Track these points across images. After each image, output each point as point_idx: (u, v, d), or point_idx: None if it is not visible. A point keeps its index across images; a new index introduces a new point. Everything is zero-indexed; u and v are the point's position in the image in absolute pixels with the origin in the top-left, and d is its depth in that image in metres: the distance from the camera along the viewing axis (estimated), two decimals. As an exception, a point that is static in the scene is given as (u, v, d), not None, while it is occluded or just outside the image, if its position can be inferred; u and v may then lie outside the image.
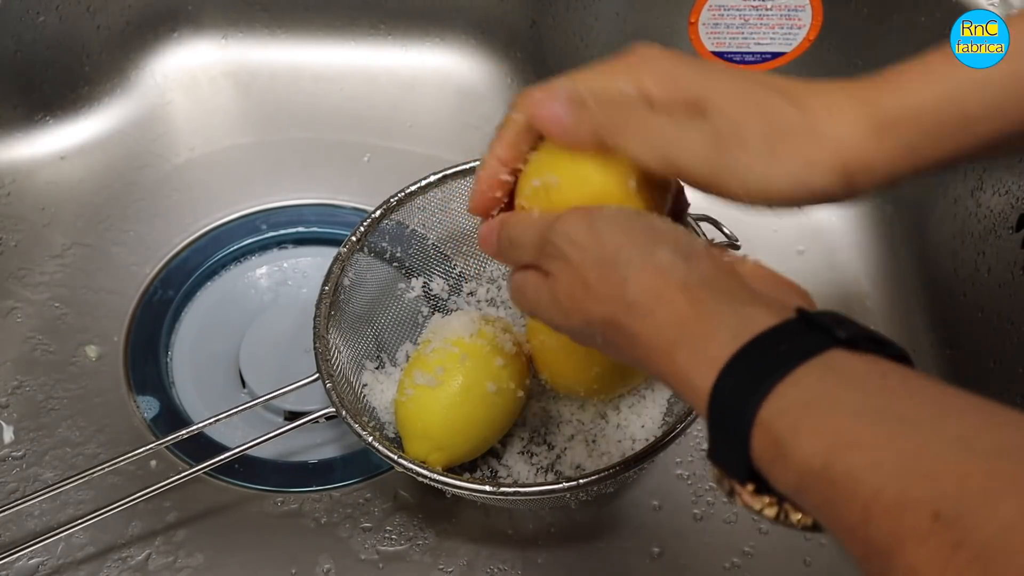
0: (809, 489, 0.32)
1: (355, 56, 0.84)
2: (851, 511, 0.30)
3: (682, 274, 0.39)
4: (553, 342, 0.57)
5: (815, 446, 0.32)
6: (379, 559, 0.59)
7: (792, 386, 0.33)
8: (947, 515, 0.28)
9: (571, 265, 0.42)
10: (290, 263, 0.75)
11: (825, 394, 0.33)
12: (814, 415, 0.32)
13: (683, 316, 0.38)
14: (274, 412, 0.67)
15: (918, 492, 0.29)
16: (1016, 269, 0.62)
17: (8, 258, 0.72)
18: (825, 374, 0.33)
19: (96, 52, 0.79)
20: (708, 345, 0.36)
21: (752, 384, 0.34)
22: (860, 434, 0.31)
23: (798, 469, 0.32)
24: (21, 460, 0.63)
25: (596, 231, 0.41)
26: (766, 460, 0.34)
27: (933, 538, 0.28)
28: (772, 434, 0.33)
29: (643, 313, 0.39)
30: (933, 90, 0.42)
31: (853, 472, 0.30)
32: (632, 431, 0.59)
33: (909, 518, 0.28)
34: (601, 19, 0.76)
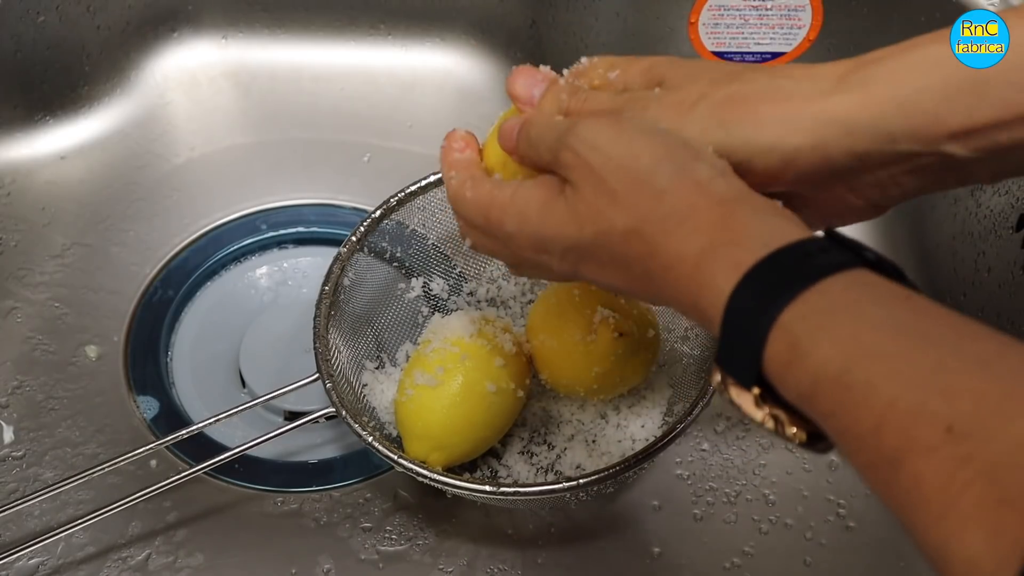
0: (822, 394, 0.32)
1: (355, 56, 0.84)
2: (864, 418, 0.30)
3: (720, 189, 0.38)
4: (553, 342, 0.57)
5: (834, 351, 0.31)
6: (379, 559, 0.59)
7: (817, 294, 0.33)
8: (960, 429, 0.28)
9: (595, 174, 0.41)
10: (290, 263, 0.75)
11: (850, 304, 0.33)
12: (836, 322, 0.32)
13: (715, 224, 0.37)
14: (274, 412, 0.67)
15: (934, 405, 0.29)
16: (1016, 269, 0.62)
17: (8, 258, 0.72)
18: (851, 287, 0.33)
19: (96, 52, 0.79)
20: (737, 251, 0.36)
21: (777, 288, 0.34)
22: (881, 344, 0.31)
23: (813, 373, 0.32)
24: (21, 460, 0.63)
25: (626, 140, 0.40)
26: (780, 364, 0.33)
27: (943, 450, 0.28)
28: (790, 337, 0.33)
29: (676, 223, 0.38)
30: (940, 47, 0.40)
31: (871, 380, 0.30)
32: (632, 431, 0.59)
33: (922, 429, 0.28)
34: (601, 19, 0.76)
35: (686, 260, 0.37)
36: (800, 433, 0.34)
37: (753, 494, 0.62)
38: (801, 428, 0.34)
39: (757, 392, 0.35)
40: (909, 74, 0.40)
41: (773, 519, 0.61)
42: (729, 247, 0.36)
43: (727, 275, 0.35)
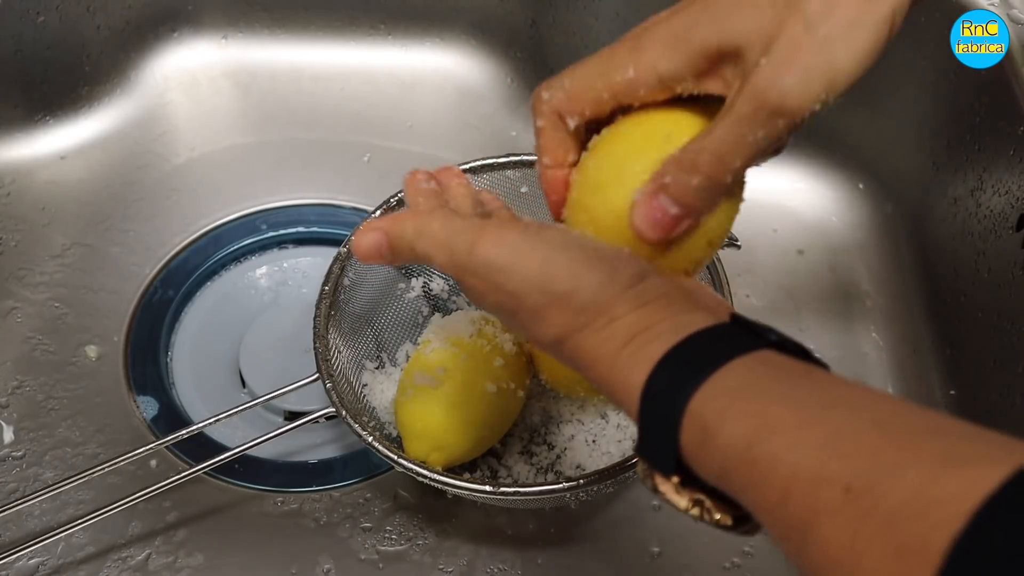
0: (732, 472, 0.33)
1: (355, 56, 0.84)
2: (771, 491, 0.31)
3: (637, 293, 0.39)
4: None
5: (739, 429, 0.32)
6: (379, 559, 0.59)
7: (723, 376, 0.34)
8: (858, 487, 0.28)
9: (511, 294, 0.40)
10: (290, 263, 0.75)
11: (753, 383, 0.34)
12: (741, 401, 0.33)
13: (631, 326, 0.38)
14: (274, 412, 0.67)
15: (832, 468, 0.29)
16: (1016, 269, 0.62)
17: (8, 258, 0.72)
18: (755, 367, 0.35)
19: (96, 52, 0.79)
20: (650, 346, 0.37)
21: (686, 375, 0.35)
22: (783, 418, 0.32)
23: (722, 452, 0.33)
24: (21, 460, 0.63)
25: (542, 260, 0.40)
26: (693, 446, 0.34)
27: (845, 510, 0.28)
28: (700, 420, 0.34)
29: (595, 331, 0.39)
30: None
31: (774, 452, 0.31)
32: (632, 431, 0.59)
33: (824, 493, 0.29)
34: (601, 19, 0.76)
35: (603, 361, 0.38)
36: (725, 517, 0.35)
37: (753, 494, 0.62)
38: (726, 513, 0.35)
39: (677, 480, 0.36)
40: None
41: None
42: (641, 346, 0.37)
43: (640, 370, 0.36)
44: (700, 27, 0.40)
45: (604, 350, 0.39)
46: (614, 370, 0.38)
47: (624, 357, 0.37)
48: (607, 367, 0.38)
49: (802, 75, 0.38)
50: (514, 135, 0.81)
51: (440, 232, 0.41)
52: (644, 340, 0.37)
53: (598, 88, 0.43)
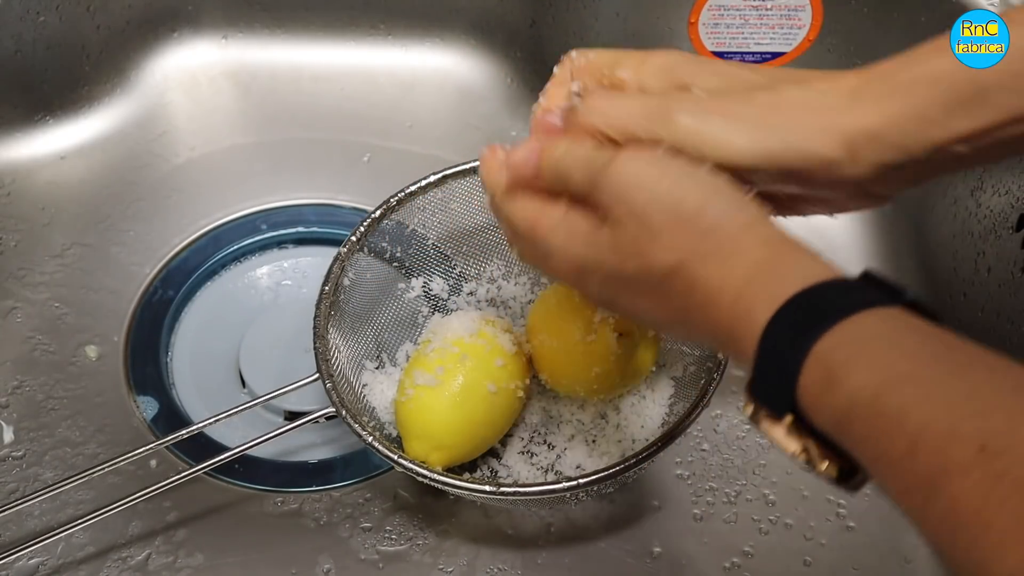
0: (856, 420, 0.32)
1: (355, 56, 0.84)
2: (897, 443, 0.30)
3: (765, 231, 0.39)
4: (553, 342, 0.57)
5: (868, 378, 0.32)
6: (379, 559, 0.59)
7: (853, 324, 0.34)
8: (993, 447, 0.28)
9: (637, 213, 0.41)
10: (290, 263, 0.75)
11: (885, 335, 0.33)
12: (871, 350, 0.33)
13: (758, 262, 0.38)
14: (274, 412, 0.67)
15: (967, 426, 0.29)
16: (1016, 269, 0.62)
17: (8, 258, 0.72)
18: (886, 320, 0.34)
19: (96, 52, 0.79)
20: (777, 285, 0.36)
21: (814, 317, 0.34)
22: (915, 371, 0.31)
23: (847, 399, 0.32)
24: (21, 460, 0.63)
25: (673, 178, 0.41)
26: (814, 392, 0.34)
27: (977, 469, 0.28)
28: (825, 365, 0.33)
29: (720, 260, 0.39)
30: (942, 59, 0.41)
31: (904, 405, 0.30)
32: (632, 431, 0.59)
33: (956, 450, 0.28)
34: (601, 19, 0.76)
35: (726, 294, 0.38)
36: (832, 467, 0.35)
37: (753, 494, 0.62)
38: (833, 462, 0.35)
39: (790, 421, 0.35)
40: (918, 87, 0.42)
41: (773, 519, 0.61)
42: (769, 282, 0.37)
43: (764, 307, 0.36)
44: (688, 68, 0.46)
45: (727, 283, 0.38)
46: (737, 304, 0.37)
47: (748, 293, 0.37)
48: (729, 300, 0.38)
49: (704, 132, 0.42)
50: (514, 135, 0.81)
51: (583, 150, 0.44)
52: (771, 279, 0.37)
53: (604, 72, 0.48)
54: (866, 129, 0.41)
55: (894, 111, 0.41)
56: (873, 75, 0.43)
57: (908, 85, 0.42)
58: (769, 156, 0.42)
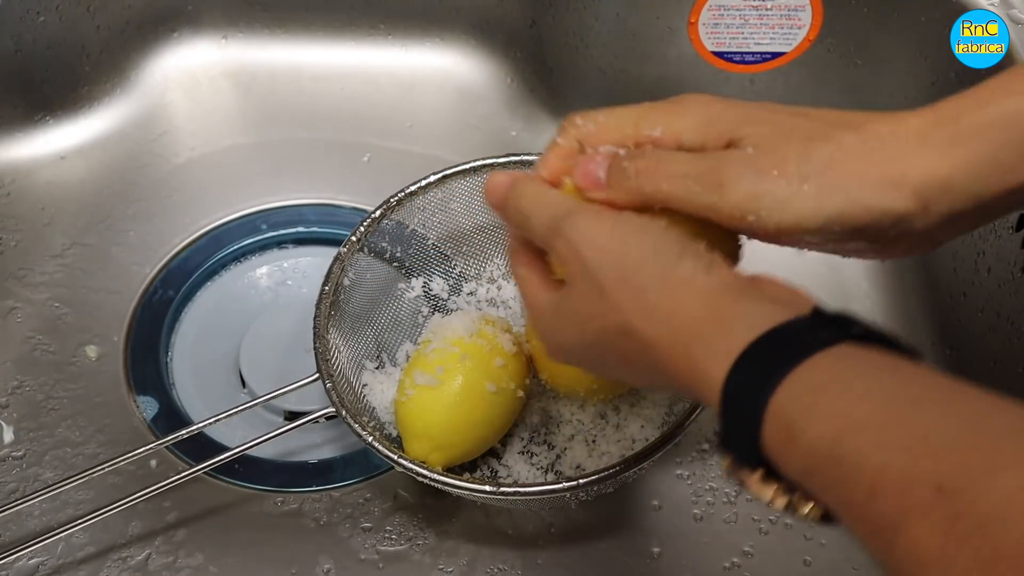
0: (818, 470, 0.32)
1: (355, 56, 0.84)
2: (857, 489, 0.30)
3: (702, 284, 0.39)
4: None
5: (824, 427, 0.32)
6: (379, 559, 0.59)
7: (805, 372, 0.34)
8: (949, 488, 0.28)
9: (587, 269, 0.41)
10: (290, 263, 0.75)
11: (836, 379, 0.33)
12: (825, 398, 0.33)
13: (702, 317, 0.38)
14: (274, 412, 0.67)
15: (923, 467, 0.29)
16: (1016, 269, 0.62)
17: (8, 258, 0.72)
18: (838, 362, 0.34)
19: (96, 52, 0.79)
20: (725, 339, 0.36)
21: (767, 370, 0.34)
22: (869, 415, 0.31)
23: (807, 451, 0.32)
24: (21, 460, 0.63)
25: (620, 237, 0.41)
26: (777, 444, 0.34)
27: (935, 511, 0.28)
28: (783, 418, 0.33)
29: (662, 318, 0.39)
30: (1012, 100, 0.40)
31: (861, 450, 0.31)
32: (632, 431, 0.59)
33: (914, 492, 0.29)
34: (601, 19, 0.76)
35: (678, 353, 0.38)
36: (815, 510, 0.35)
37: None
38: (816, 506, 0.35)
39: (761, 474, 0.35)
40: (990, 131, 0.40)
41: (773, 519, 0.61)
42: (718, 336, 0.37)
43: (719, 364, 0.36)
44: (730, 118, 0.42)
45: (676, 341, 0.38)
46: (690, 365, 0.37)
47: (698, 352, 0.37)
48: (682, 361, 0.38)
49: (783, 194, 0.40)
50: (514, 135, 0.81)
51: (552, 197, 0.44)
52: (717, 336, 0.37)
53: (626, 133, 0.45)
54: (938, 178, 0.40)
55: (967, 158, 0.40)
56: (939, 117, 0.41)
57: (979, 129, 0.40)
58: (838, 217, 0.40)
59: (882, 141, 0.40)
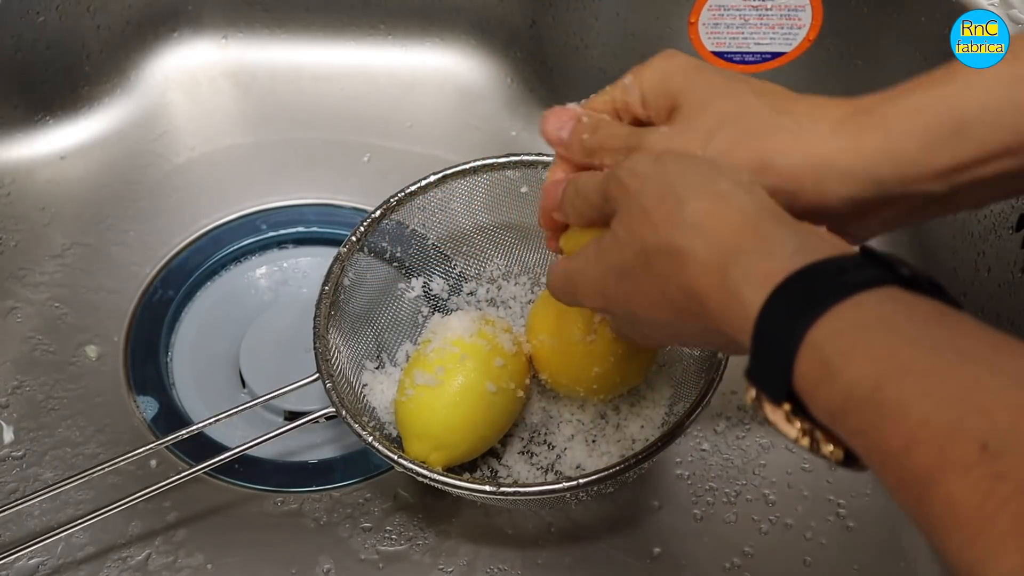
0: (853, 413, 0.31)
1: (355, 56, 0.84)
2: (895, 437, 0.30)
3: (742, 200, 0.39)
4: (553, 342, 0.57)
5: (866, 369, 0.31)
6: (379, 559, 0.59)
7: (849, 309, 0.33)
8: (995, 447, 0.27)
9: (631, 195, 0.42)
10: (290, 263, 0.75)
11: (882, 320, 0.32)
12: (869, 339, 0.32)
13: (742, 232, 0.37)
14: (274, 412, 0.67)
15: (968, 423, 0.28)
16: (1016, 269, 0.62)
17: (8, 258, 0.72)
18: (884, 302, 0.33)
19: (96, 52, 0.79)
20: (766, 260, 0.36)
21: (808, 303, 0.33)
22: (915, 361, 0.31)
23: (845, 391, 0.31)
24: (21, 460, 0.63)
25: (662, 162, 0.42)
26: (810, 381, 0.33)
27: (977, 469, 0.27)
28: (821, 354, 0.32)
29: (698, 230, 0.38)
30: (924, 93, 0.41)
31: (903, 398, 0.30)
32: (632, 431, 0.59)
33: (956, 447, 0.28)
34: (601, 19, 0.76)
35: (712, 272, 0.37)
36: (837, 451, 0.34)
37: (753, 494, 0.62)
38: (838, 446, 0.34)
39: (788, 408, 0.34)
40: (896, 121, 0.41)
41: (773, 519, 0.61)
42: (755, 257, 0.36)
43: (755, 288, 0.35)
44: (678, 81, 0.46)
45: (708, 258, 0.38)
46: (724, 281, 0.37)
47: (738, 271, 0.36)
48: (716, 281, 0.37)
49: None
50: (514, 135, 0.81)
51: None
52: (754, 252, 0.36)
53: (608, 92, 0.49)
54: (839, 162, 0.41)
55: (868, 146, 0.41)
56: (858, 107, 0.42)
57: (886, 119, 0.41)
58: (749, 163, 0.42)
59: (796, 120, 0.42)
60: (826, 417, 0.33)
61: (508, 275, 0.66)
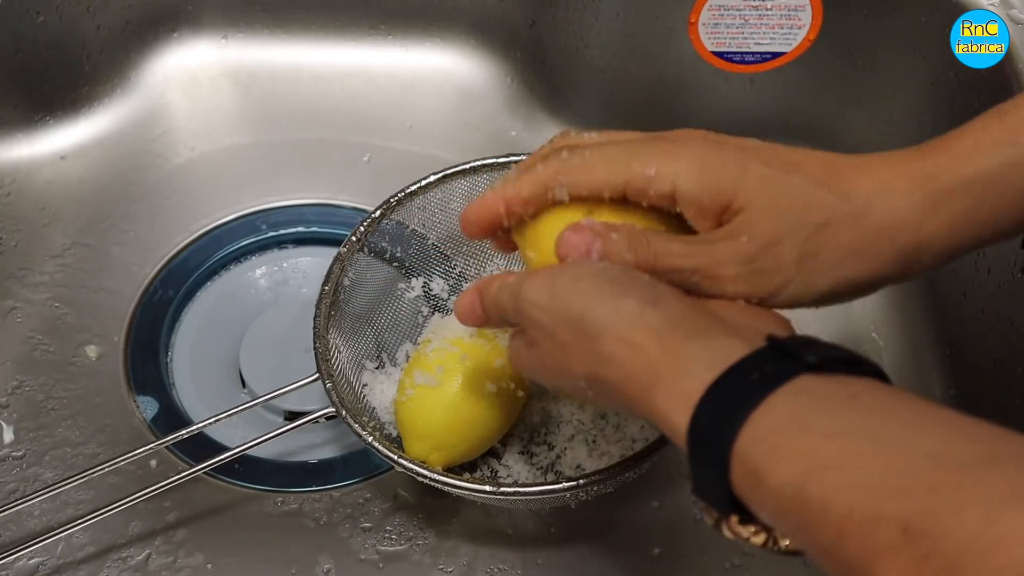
0: (786, 514, 0.32)
1: (355, 56, 0.84)
2: (826, 532, 0.31)
3: (651, 320, 0.39)
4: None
5: (789, 471, 0.32)
6: (379, 559, 0.59)
7: (764, 414, 0.34)
8: (916, 528, 0.28)
9: (545, 330, 0.42)
10: (290, 263, 0.75)
11: (795, 419, 0.33)
12: (786, 440, 0.33)
13: (655, 359, 0.38)
14: (274, 412, 0.67)
15: (889, 507, 0.29)
16: (1016, 269, 0.62)
17: (8, 258, 0.72)
18: (796, 399, 0.34)
19: (96, 52, 0.79)
20: (681, 382, 0.36)
21: (726, 416, 0.34)
22: (831, 455, 0.32)
23: (774, 495, 0.33)
24: (21, 460, 0.63)
25: (558, 293, 0.41)
26: (745, 489, 0.34)
27: (904, 551, 0.28)
28: (748, 464, 0.33)
29: (618, 363, 0.39)
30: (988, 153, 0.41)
31: (826, 493, 0.31)
32: (632, 431, 0.59)
33: (881, 533, 0.29)
34: (601, 19, 0.76)
35: (641, 398, 0.38)
36: (793, 544, 0.35)
37: (753, 494, 0.62)
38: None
39: (736, 519, 0.36)
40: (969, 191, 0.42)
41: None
42: (673, 379, 0.37)
43: (679, 410, 0.36)
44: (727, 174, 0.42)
45: (635, 387, 0.38)
46: (654, 411, 0.38)
47: (660, 396, 0.37)
48: (646, 406, 0.38)
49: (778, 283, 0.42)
50: (514, 135, 0.81)
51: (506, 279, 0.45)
52: (675, 375, 0.37)
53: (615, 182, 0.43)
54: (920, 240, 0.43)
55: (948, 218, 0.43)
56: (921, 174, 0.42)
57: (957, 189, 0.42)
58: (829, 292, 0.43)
59: (868, 206, 0.42)
60: (768, 519, 0.34)
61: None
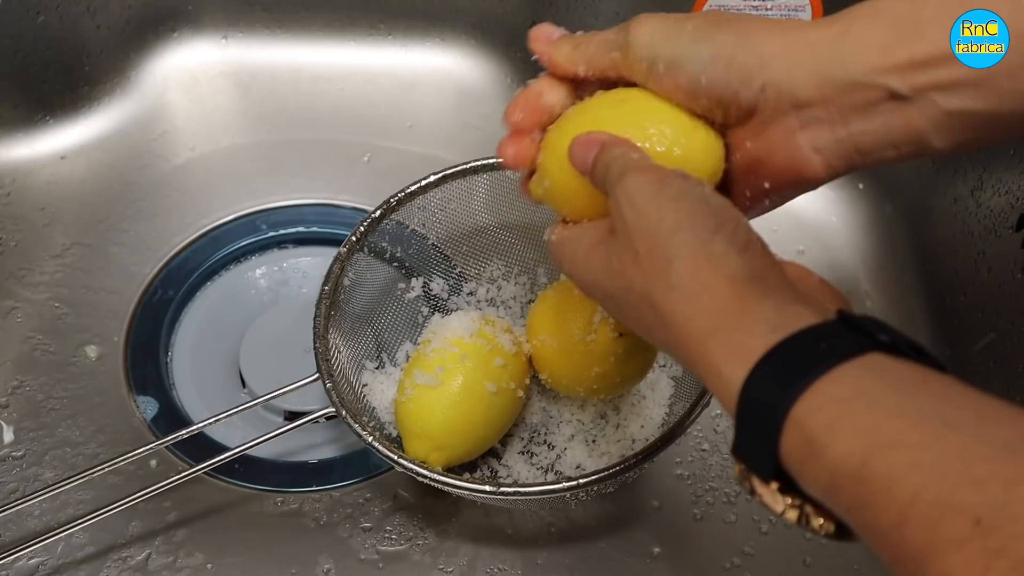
0: (842, 489, 0.31)
1: (355, 56, 0.84)
2: (886, 513, 0.29)
3: (733, 266, 0.37)
4: (553, 342, 0.57)
5: (852, 445, 0.30)
6: (379, 559, 0.59)
7: (830, 383, 0.32)
8: (989, 521, 0.27)
9: (627, 229, 0.40)
10: (290, 263, 0.75)
11: (864, 392, 0.32)
12: (852, 413, 0.31)
13: (724, 305, 0.36)
14: (274, 412, 0.67)
15: (960, 496, 0.28)
16: (1016, 269, 0.62)
17: (8, 258, 0.72)
18: (865, 374, 0.32)
19: (96, 52, 0.79)
20: (745, 337, 0.35)
21: (788, 379, 0.33)
22: (901, 434, 0.30)
23: (832, 468, 0.31)
24: (21, 460, 0.63)
25: (660, 202, 0.40)
26: (797, 459, 0.32)
27: (972, 544, 0.27)
28: (805, 432, 0.32)
29: (683, 297, 0.37)
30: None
31: (892, 473, 0.29)
32: (632, 431, 0.59)
33: (949, 523, 0.27)
34: (601, 19, 0.76)
35: (693, 340, 0.37)
36: (828, 524, 0.33)
37: (753, 494, 0.62)
38: (828, 519, 0.33)
39: (776, 486, 0.34)
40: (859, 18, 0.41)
41: (773, 519, 0.61)
42: (737, 332, 0.35)
43: (734, 365, 0.34)
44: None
45: (691, 328, 0.37)
46: (705, 355, 0.36)
47: (715, 346, 0.36)
48: (696, 350, 0.37)
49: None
50: (514, 135, 0.81)
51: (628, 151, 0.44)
52: (736, 328, 0.35)
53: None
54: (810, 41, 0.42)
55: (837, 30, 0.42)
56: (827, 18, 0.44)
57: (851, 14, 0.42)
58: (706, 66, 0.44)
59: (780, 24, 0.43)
60: (817, 494, 0.32)
61: (508, 275, 0.66)
